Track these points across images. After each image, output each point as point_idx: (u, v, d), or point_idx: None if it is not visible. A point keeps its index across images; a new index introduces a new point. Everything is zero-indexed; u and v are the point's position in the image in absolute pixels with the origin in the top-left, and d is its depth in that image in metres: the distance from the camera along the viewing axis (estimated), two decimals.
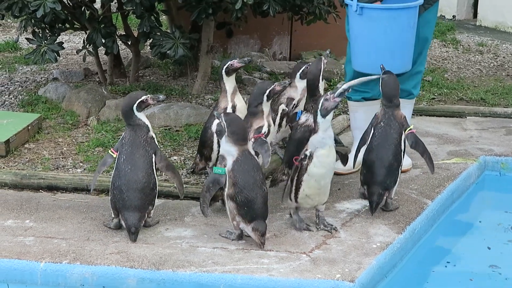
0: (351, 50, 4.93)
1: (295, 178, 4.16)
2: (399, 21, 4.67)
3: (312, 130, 4.22)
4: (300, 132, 4.50)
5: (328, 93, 4.11)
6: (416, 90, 5.17)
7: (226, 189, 4.04)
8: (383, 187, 4.42)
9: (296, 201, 4.20)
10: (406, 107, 4.97)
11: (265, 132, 4.40)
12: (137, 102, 4.23)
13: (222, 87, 4.81)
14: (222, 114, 4.12)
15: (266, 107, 4.47)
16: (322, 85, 4.67)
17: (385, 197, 4.46)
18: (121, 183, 4.13)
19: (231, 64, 4.76)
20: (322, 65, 4.68)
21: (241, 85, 6.53)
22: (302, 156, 4.13)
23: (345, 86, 4.18)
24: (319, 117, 4.09)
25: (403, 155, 4.50)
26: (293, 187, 4.18)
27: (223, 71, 4.77)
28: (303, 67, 4.96)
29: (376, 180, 4.42)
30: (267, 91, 4.44)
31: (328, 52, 4.85)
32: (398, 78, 4.58)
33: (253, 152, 4.14)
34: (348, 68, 5.06)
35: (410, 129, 4.47)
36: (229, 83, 4.79)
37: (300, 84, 4.99)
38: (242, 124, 4.17)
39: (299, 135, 4.49)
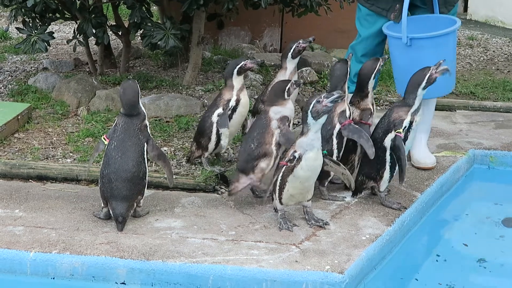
0: (396, 79, 4.90)
1: (280, 178, 4.11)
2: (448, 45, 4.65)
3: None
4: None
5: (322, 95, 3.96)
6: None
7: None
8: (363, 175, 4.51)
9: (280, 201, 4.17)
10: (430, 102, 5.01)
11: (350, 116, 4.45)
12: (138, 89, 4.23)
13: (228, 84, 4.80)
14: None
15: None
16: (372, 83, 4.63)
17: (370, 187, 4.53)
18: (110, 172, 4.10)
19: (244, 64, 4.80)
20: (378, 66, 4.62)
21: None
22: (291, 158, 4.06)
23: (337, 94, 3.97)
24: (309, 119, 3.97)
25: (387, 153, 4.40)
26: (277, 187, 4.13)
27: (236, 70, 4.77)
28: (294, 45, 4.97)
29: (359, 167, 4.58)
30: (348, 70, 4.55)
31: (386, 56, 4.75)
32: None
33: (273, 116, 4.28)
34: (353, 64, 5.01)
35: (399, 132, 4.37)
36: (238, 80, 4.80)
37: (290, 65, 4.99)
38: (275, 88, 4.41)
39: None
